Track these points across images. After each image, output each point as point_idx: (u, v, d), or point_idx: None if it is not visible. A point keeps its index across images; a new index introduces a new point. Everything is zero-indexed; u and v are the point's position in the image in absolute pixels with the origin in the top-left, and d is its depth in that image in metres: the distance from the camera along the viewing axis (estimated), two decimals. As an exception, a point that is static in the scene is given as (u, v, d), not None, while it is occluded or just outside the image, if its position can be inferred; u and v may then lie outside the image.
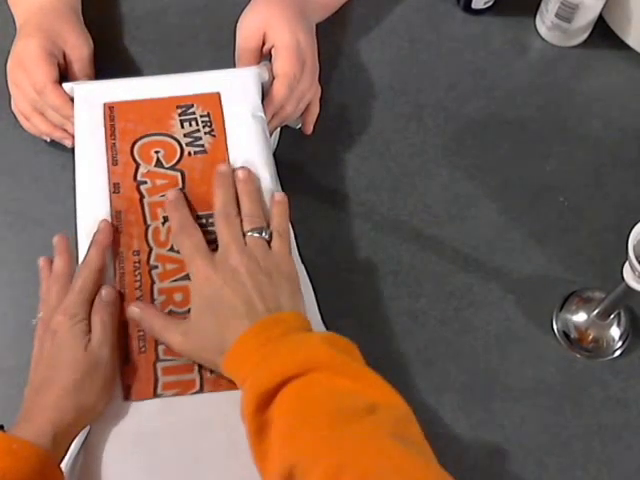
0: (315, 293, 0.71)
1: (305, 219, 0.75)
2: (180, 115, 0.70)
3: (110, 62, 0.80)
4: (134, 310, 0.63)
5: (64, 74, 0.74)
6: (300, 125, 0.76)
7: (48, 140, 0.75)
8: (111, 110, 0.70)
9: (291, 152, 0.77)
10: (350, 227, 0.75)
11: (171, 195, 0.66)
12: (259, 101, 0.71)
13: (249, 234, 0.63)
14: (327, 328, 0.70)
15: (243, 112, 0.70)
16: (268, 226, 0.65)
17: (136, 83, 0.72)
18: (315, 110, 0.75)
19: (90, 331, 0.61)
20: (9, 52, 0.73)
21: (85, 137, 0.69)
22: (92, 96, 0.71)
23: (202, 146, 0.69)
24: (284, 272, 0.63)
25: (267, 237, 0.64)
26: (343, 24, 0.84)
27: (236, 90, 0.71)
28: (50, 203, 0.75)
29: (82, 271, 0.63)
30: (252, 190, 0.66)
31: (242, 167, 0.67)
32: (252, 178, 0.67)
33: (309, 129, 0.76)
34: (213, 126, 0.70)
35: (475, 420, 0.68)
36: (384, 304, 0.72)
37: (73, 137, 0.72)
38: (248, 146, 0.69)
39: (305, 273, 0.71)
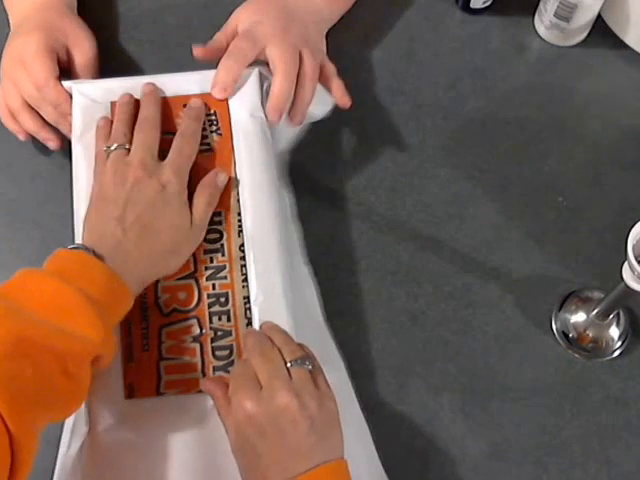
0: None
1: (304, 219, 0.74)
2: None
3: (108, 62, 0.80)
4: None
5: (68, 70, 0.74)
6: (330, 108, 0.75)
7: (23, 139, 0.74)
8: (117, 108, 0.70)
9: (290, 152, 0.77)
10: (349, 227, 0.75)
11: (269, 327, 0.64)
12: (258, 101, 0.70)
13: (290, 365, 0.59)
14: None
15: (243, 112, 0.70)
16: (309, 357, 0.61)
17: (141, 82, 0.72)
18: (338, 83, 0.74)
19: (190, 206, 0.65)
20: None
21: (90, 136, 0.69)
22: (98, 95, 0.71)
23: (208, 144, 0.69)
24: (329, 418, 0.59)
25: (311, 368, 0.60)
26: (342, 24, 0.83)
27: (237, 89, 0.71)
28: (48, 203, 0.75)
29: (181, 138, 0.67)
30: (280, 329, 0.64)
31: (266, 322, 0.64)
32: (275, 324, 0.64)
33: (345, 102, 0.74)
34: (219, 124, 0.70)
35: (474, 420, 0.68)
36: (383, 304, 0.72)
37: (58, 139, 0.73)
38: (248, 147, 0.69)
39: (308, 274, 0.71)
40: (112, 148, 0.66)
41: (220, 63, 0.70)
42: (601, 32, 0.83)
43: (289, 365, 0.59)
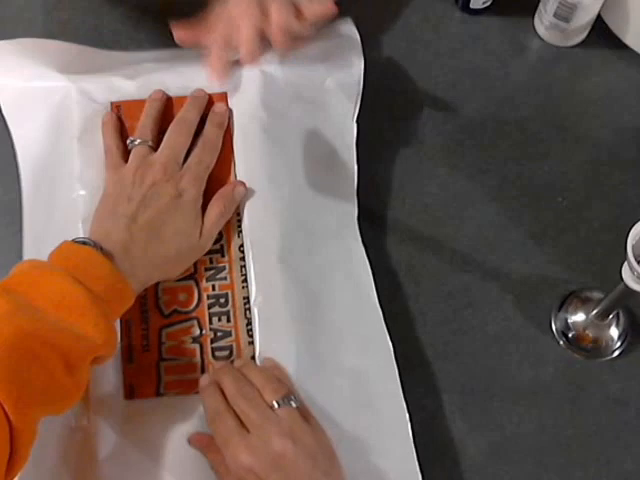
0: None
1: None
2: None
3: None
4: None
5: None
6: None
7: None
8: (118, 109, 0.70)
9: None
10: (348, 227, 0.75)
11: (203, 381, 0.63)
12: (259, 101, 0.70)
13: (278, 405, 0.58)
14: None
15: (243, 112, 0.70)
16: (293, 392, 0.60)
17: (142, 82, 0.72)
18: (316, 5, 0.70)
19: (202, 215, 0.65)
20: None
21: (91, 136, 0.69)
22: (98, 94, 0.71)
23: None
24: (328, 452, 0.59)
25: (297, 405, 0.59)
26: (341, 24, 0.83)
27: (237, 89, 0.71)
28: (48, 203, 0.75)
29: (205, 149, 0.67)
30: (255, 366, 0.63)
31: (239, 359, 0.65)
32: (249, 360, 0.64)
33: (328, 10, 0.70)
34: None
35: (474, 420, 0.68)
36: (382, 304, 0.72)
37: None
38: (248, 147, 0.69)
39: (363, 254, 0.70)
40: (136, 143, 0.66)
41: (210, 55, 0.70)
42: (601, 32, 0.83)
43: (276, 406, 0.58)
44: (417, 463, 0.64)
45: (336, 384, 0.64)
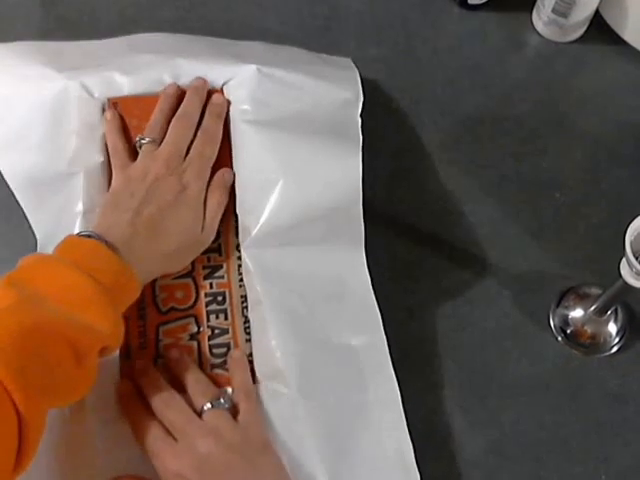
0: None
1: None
2: None
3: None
4: None
5: None
6: None
7: None
8: (115, 106, 0.70)
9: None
10: (347, 223, 0.75)
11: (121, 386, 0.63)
12: (256, 100, 0.70)
13: (206, 408, 0.58)
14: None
15: (240, 110, 0.70)
16: (223, 393, 0.61)
17: (140, 77, 0.71)
18: None
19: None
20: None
21: (88, 131, 0.69)
22: (96, 89, 0.70)
23: None
24: (259, 446, 0.58)
25: (228, 405, 0.59)
26: (339, 22, 0.83)
27: (233, 85, 0.71)
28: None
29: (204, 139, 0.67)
30: (188, 364, 0.63)
31: (172, 349, 0.64)
32: (182, 353, 0.64)
33: None
34: None
35: (472, 417, 0.68)
36: (380, 300, 0.72)
37: None
38: (245, 146, 0.69)
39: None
40: (144, 141, 0.66)
41: None
42: (599, 28, 0.83)
43: (207, 407, 0.58)
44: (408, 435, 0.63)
45: (332, 376, 0.64)
